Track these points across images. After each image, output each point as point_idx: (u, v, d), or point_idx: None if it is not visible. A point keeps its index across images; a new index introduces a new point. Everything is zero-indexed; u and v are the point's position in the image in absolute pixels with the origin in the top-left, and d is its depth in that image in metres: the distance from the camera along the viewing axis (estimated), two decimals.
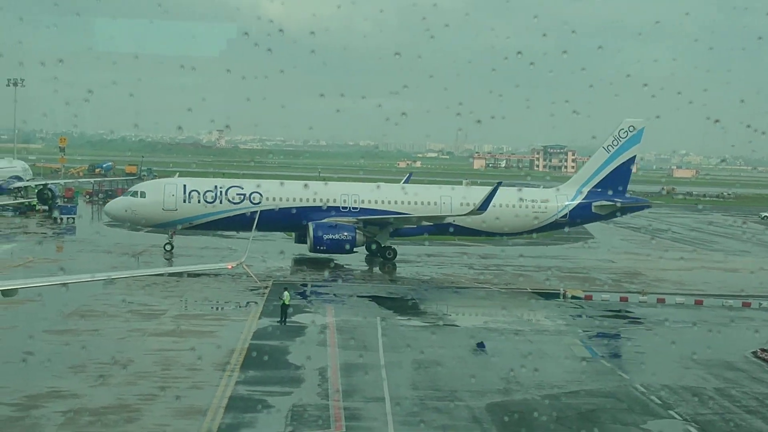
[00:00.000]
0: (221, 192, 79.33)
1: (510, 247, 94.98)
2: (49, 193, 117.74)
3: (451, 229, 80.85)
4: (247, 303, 59.37)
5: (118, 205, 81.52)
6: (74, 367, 40.66)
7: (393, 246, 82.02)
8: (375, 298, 63.31)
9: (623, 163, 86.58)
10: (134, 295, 59.52)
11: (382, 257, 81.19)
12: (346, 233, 76.59)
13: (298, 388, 39.32)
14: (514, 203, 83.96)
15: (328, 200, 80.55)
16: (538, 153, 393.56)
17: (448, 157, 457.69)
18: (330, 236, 75.75)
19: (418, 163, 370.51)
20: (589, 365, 46.64)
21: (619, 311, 62.16)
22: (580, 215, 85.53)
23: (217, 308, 57.94)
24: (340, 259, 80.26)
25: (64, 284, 56.98)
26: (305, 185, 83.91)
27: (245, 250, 51.40)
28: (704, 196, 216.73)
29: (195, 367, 41.95)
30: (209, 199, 78.73)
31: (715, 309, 64.42)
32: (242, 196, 79.32)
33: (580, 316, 60.45)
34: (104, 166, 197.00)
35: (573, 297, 65.53)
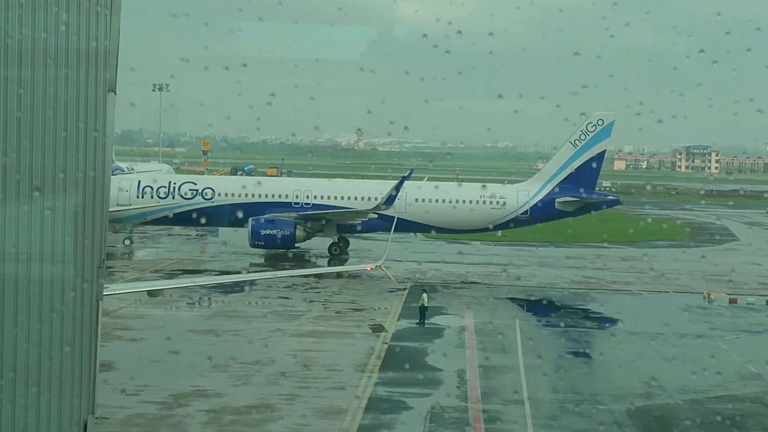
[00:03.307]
0: (174, 188, 79.34)
1: (649, 249, 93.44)
2: None
3: (410, 226, 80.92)
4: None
5: None
6: (217, 366, 41.44)
7: (340, 243, 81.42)
8: (513, 300, 62.97)
9: (592, 158, 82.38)
10: (275, 296, 60.49)
11: (330, 253, 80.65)
12: (283, 229, 76.13)
13: (437, 389, 39.35)
14: (471, 199, 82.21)
15: (280, 196, 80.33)
16: (680, 153, 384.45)
17: None
18: (267, 231, 75.31)
19: None
20: (734, 369, 45.32)
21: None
22: (543, 212, 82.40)
23: (356, 309, 58.27)
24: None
25: (207, 285, 58.60)
26: (258, 181, 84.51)
27: (384, 253, 51.75)
28: None
29: (335, 367, 42.35)
30: (162, 195, 78.80)
31: None
32: (195, 192, 79.22)
33: (723, 318, 59.03)
34: (246, 168, 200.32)
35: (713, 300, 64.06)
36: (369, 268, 55.94)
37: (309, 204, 79.98)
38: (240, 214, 76.77)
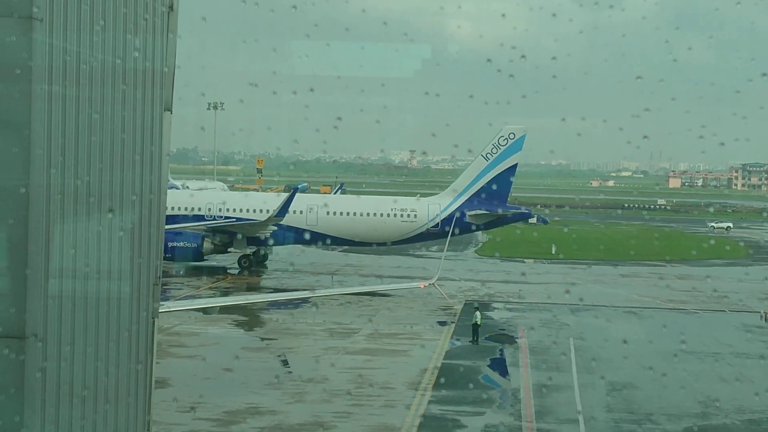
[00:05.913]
0: None
1: (704, 268, 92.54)
2: None
3: (322, 238, 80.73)
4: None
5: None
6: (271, 383, 41.59)
7: (251, 256, 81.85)
8: (565, 319, 62.49)
9: (503, 171, 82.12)
10: (328, 314, 60.53)
11: (239, 266, 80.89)
12: (190, 241, 75.99)
13: (491, 408, 39.17)
14: (382, 212, 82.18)
15: (194, 208, 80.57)
16: (736, 171, 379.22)
17: (642, 176, 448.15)
18: (173, 244, 74.29)
19: (611, 182, 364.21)
20: None
21: None
22: (454, 225, 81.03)
23: (410, 327, 58.19)
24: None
25: (260, 302, 58.81)
26: (174, 195, 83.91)
27: (438, 270, 51.69)
28: None
29: (388, 385, 42.30)
30: None
31: None
32: None
33: None
34: (300, 186, 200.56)
35: None
36: (423, 286, 55.97)
37: (221, 216, 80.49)
38: None
